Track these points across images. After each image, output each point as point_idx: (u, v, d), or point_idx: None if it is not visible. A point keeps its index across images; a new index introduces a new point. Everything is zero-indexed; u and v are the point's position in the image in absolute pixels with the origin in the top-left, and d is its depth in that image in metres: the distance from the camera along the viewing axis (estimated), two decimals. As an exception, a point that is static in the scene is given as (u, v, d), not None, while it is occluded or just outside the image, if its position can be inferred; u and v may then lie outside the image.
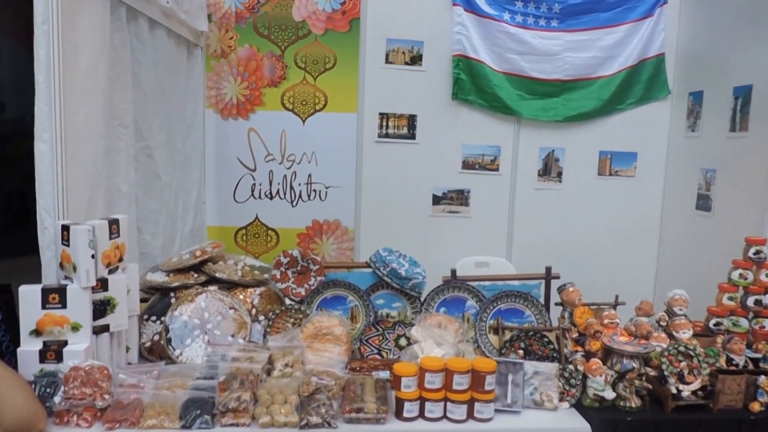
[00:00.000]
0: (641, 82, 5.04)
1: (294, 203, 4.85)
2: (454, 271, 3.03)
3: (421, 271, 2.98)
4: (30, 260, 2.65)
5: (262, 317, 2.85)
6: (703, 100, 4.71)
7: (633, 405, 2.49)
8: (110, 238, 2.47)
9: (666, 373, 2.56)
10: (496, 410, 2.42)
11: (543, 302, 3.06)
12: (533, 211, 5.15)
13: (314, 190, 4.86)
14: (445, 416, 2.39)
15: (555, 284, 3.07)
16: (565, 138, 5.10)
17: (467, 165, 5.03)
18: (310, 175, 4.84)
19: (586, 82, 5.02)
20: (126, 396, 2.31)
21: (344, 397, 2.39)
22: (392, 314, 2.99)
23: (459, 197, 5.07)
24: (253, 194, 4.80)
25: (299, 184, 4.84)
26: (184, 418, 2.22)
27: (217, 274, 2.90)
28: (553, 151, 5.10)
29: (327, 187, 4.87)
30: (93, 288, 2.40)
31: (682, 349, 2.61)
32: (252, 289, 2.93)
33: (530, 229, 5.15)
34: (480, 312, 2.89)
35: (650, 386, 2.54)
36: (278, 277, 2.90)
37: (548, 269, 3.07)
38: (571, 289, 2.99)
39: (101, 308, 2.45)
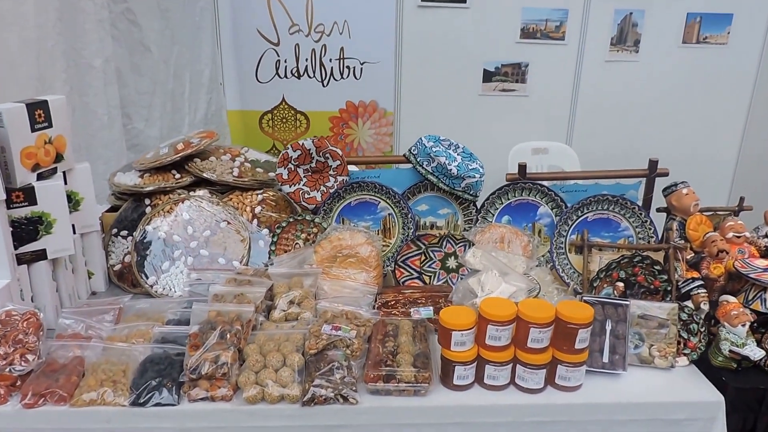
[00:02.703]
0: None
1: (325, 82, 3.83)
2: (523, 167, 2.04)
3: (478, 167, 1.99)
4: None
5: (266, 232, 1.96)
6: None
7: (791, 367, 1.56)
8: (33, 129, 1.56)
9: (841, 320, 1.59)
10: (588, 371, 1.53)
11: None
12: (602, 87, 4.00)
13: (347, 67, 3.81)
14: (513, 382, 1.51)
15: (659, 184, 2.06)
16: (646, -4, 3.84)
17: (527, 33, 3.86)
18: (342, 49, 3.77)
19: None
20: (64, 353, 1.49)
21: (369, 354, 1.52)
22: (438, 224, 2.06)
23: (515, 72, 3.94)
24: (277, 72, 3.79)
25: (330, 60, 3.79)
26: (136, 391, 1.40)
27: (205, 174, 1.98)
28: (631, 13, 3.86)
29: (362, 63, 3.81)
30: (10, 201, 1.53)
31: None
32: (253, 194, 2.02)
33: (597, 110, 4.03)
34: (558, 223, 1.93)
35: (817, 340, 1.58)
36: (285, 177, 1.97)
37: (653, 163, 2.04)
38: (684, 191, 1.97)
39: (30, 228, 1.59)
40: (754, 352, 1.52)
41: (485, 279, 1.58)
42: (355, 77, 3.83)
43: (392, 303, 1.76)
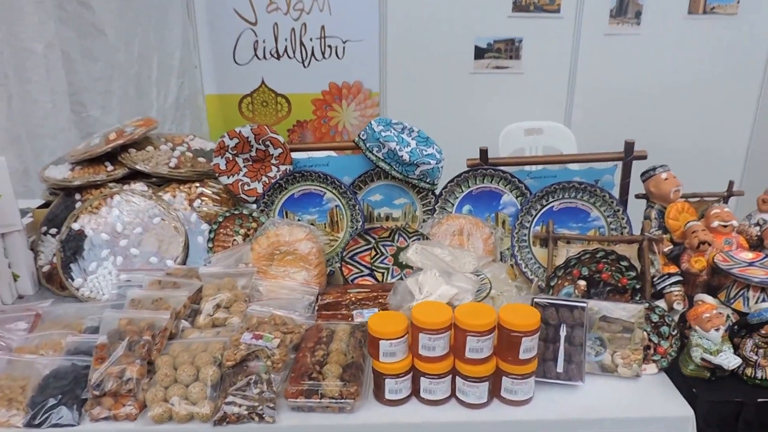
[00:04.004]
0: None
1: (306, 63, 3.66)
2: (484, 151, 1.85)
3: (434, 152, 1.82)
4: None
5: (206, 227, 1.82)
6: None
7: (770, 377, 1.37)
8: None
9: (833, 323, 1.39)
10: (540, 381, 1.36)
11: (618, 195, 1.88)
12: (601, 63, 3.76)
13: (329, 46, 3.63)
14: (454, 396, 1.35)
15: (637, 168, 1.85)
16: (648, -37, 3.58)
17: (520, 6, 3.63)
18: (323, 28, 3.59)
19: None
20: (-37, 366, 1.38)
21: (295, 365, 1.37)
22: (394, 216, 1.89)
23: (508, 48, 3.72)
24: (256, 54, 3.62)
25: (311, 39, 3.61)
26: (32, 410, 1.28)
27: (138, 166, 1.84)
28: (632, -18, 3.60)
29: (344, 42, 3.62)
30: None
31: None
32: (192, 186, 1.87)
33: (597, 87, 3.79)
34: (521, 213, 1.74)
35: (803, 346, 1.39)
36: (223, 167, 1.81)
37: (629, 145, 1.84)
38: (664, 175, 1.77)
39: (-70, 229, 1.46)
40: (728, 361, 1.33)
41: (423, 279, 1.42)
42: (338, 57, 3.65)
43: (334, 304, 1.61)
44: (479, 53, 3.72)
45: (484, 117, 3.69)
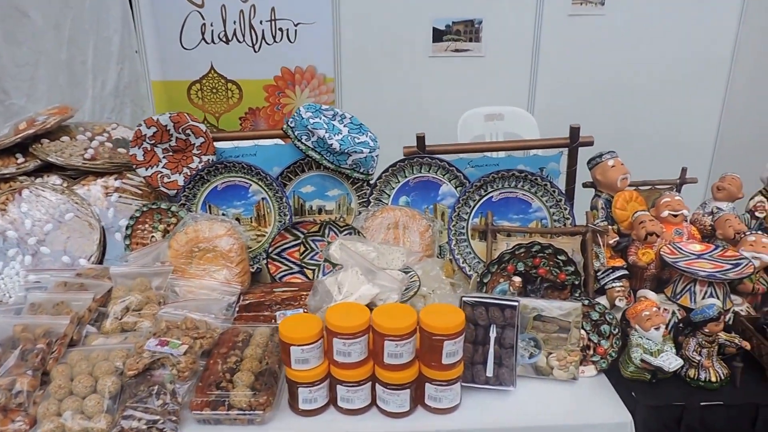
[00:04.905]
0: None
1: (256, 47, 3.51)
2: (421, 138, 1.76)
3: (367, 140, 1.72)
4: None
5: (123, 222, 1.70)
6: None
7: (713, 379, 1.30)
8: None
9: (776, 318, 1.33)
10: (468, 387, 1.28)
11: (565, 184, 1.80)
12: (565, 46, 3.66)
13: (280, 29, 3.49)
14: (374, 404, 1.26)
15: (585, 154, 1.77)
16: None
17: (479, -15, 3.52)
18: (273, 9, 3.44)
19: None
20: None
21: (204, 373, 1.27)
22: (328, 208, 1.79)
23: (468, 31, 3.61)
24: (204, 38, 3.47)
25: (261, 22, 3.46)
26: None
27: (50, 158, 1.71)
28: (595, -40, 3.51)
29: (296, 25, 3.48)
30: None
31: (808, 274, 1.35)
32: (109, 179, 1.75)
33: (561, 71, 3.69)
34: (457, 205, 1.65)
35: (747, 344, 1.32)
36: (141, 158, 1.70)
37: (574, 130, 1.76)
38: (611, 162, 1.70)
39: None
40: (669, 362, 1.26)
41: (343, 278, 1.32)
42: (290, 40, 3.51)
43: (256, 305, 1.51)
44: (438, 36, 3.61)
45: (443, 102, 3.58)
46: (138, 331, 1.39)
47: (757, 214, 1.75)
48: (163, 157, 1.70)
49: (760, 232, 1.58)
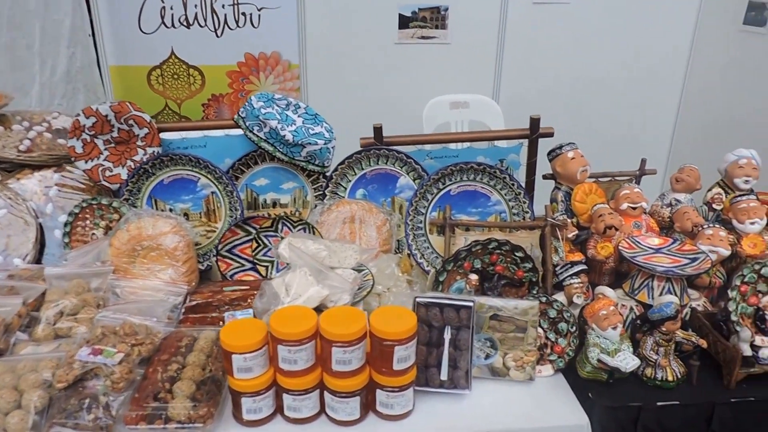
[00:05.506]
0: None
1: (219, 32, 3.34)
2: (378, 129, 1.65)
3: (322, 131, 1.61)
4: None
5: (63, 219, 1.56)
6: None
7: (670, 378, 1.24)
8: None
9: (734, 317, 1.26)
10: (421, 391, 1.20)
11: (525, 176, 1.71)
12: (531, 34, 3.56)
13: (243, 14, 3.32)
14: (323, 412, 1.17)
15: (546, 146, 1.69)
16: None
17: (444, -28, 3.39)
18: (235, -7, 3.28)
19: None
20: None
21: (142, 382, 1.16)
22: (283, 202, 1.68)
23: (434, 18, 3.50)
24: (163, 22, 3.29)
25: (223, 6, 3.29)
26: None
27: (-19, 150, 1.57)
28: (559, -53, 3.41)
29: (260, 9, 3.32)
30: None
31: (766, 271, 1.29)
32: (47, 172, 1.61)
33: (525, 60, 3.60)
34: (415, 198, 1.56)
35: (704, 342, 1.26)
36: (80, 151, 1.56)
37: (534, 121, 1.67)
38: (570, 154, 1.62)
39: None
40: (625, 362, 1.19)
41: (291, 279, 1.22)
42: (253, 25, 3.34)
43: (203, 306, 1.40)
44: (404, 22, 3.48)
45: (409, 89, 3.47)
46: (73, 338, 1.27)
47: (714, 206, 1.69)
48: (105, 149, 1.56)
49: (717, 225, 1.52)
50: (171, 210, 1.58)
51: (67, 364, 1.16)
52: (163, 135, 1.61)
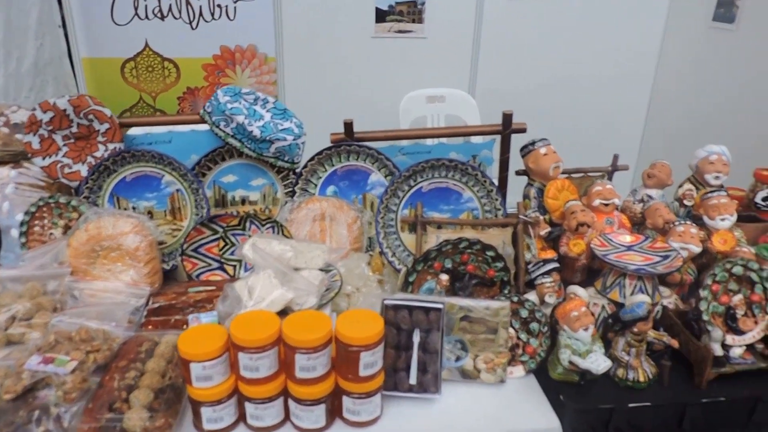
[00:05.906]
0: None
1: (194, 24, 3.23)
2: (349, 124, 1.58)
3: (291, 127, 1.53)
4: None
5: (19, 216, 1.47)
6: None
7: (641, 379, 1.19)
8: None
9: (705, 317, 1.22)
10: (390, 396, 1.14)
11: (498, 172, 1.66)
12: (507, 28, 3.51)
13: (219, 6, 3.22)
14: (288, 420, 1.11)
15: (518, 141, 1.64)
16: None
17: (421, -35, 3.32)
18: (210, -15, 3.17)
19: None
20: None
21: (97, 391, 1.09)
22: (252, 199, 1.60)
23: (411, 11, 3.42)
24: (137, 13, 3.17)
25: (197, -2, 3.19)
26: None
27: (-68, 146, 1.47)
28: (535, -59, 3.35)
29: (235, 1, 3.22)
30: None
31: (738, 270, 1.25)
32: (4, 169, 1.51)
33: (503, 53, 3.55)
34: (386, 195, 1.49)
35: (675, 343, 1.22)
36: (37, 147, 1.47)
37: (507, 117, 1.61)
38: (543, 150, 1.56)
39: None
40: (597, 364, 1.15)
41: (254, 282, 1.15)
42: (229, 18, 3.24)
43: (167, 308, 1.32)
44: (380, 16, 3.40)
45: (386, 83, 3.40)
46: (25, 344, 1.19)
47: (685, 202, 1.65)
48: (64, 145, 1.47)
49: (688, 221, 1.48)
50: (134, 208, 1.50)
51: (16, 373, 1.08)
52: (130, 131, 1.53)
